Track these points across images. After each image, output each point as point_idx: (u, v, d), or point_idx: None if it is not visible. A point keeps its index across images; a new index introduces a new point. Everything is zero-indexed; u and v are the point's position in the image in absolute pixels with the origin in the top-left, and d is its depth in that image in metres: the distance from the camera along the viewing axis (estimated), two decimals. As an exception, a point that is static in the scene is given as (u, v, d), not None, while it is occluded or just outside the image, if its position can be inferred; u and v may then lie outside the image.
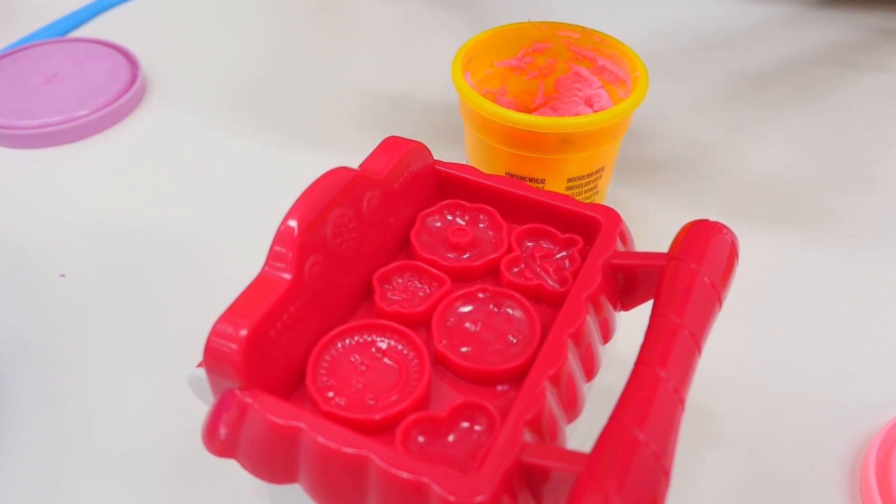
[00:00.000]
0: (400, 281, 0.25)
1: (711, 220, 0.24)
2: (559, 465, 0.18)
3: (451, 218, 0.27)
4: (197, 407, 0.23)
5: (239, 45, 0.55)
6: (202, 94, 0.49)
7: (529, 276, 0.25)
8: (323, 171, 0.23)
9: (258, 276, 0.22)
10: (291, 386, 0.22)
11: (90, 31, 0.56)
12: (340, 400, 0.21)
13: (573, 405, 0.22)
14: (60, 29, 0.55)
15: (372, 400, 0.21)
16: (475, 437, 0.20)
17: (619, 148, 0.37)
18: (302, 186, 0.22)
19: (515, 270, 0.25)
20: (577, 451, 0.18)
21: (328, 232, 0.23)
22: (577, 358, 0.22)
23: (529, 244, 0.26)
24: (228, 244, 0.38)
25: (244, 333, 0.20)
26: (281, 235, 0.22)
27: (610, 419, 0.18)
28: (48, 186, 0.42)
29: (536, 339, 0.23)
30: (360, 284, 0.25)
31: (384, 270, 0.25)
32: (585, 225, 0.26)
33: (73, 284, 0.36)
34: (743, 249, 0.24)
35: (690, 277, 0.22)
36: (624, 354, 0.23)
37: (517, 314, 0.24)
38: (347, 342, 0.23)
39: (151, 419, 0.30)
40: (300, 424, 0.19)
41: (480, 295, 0.24)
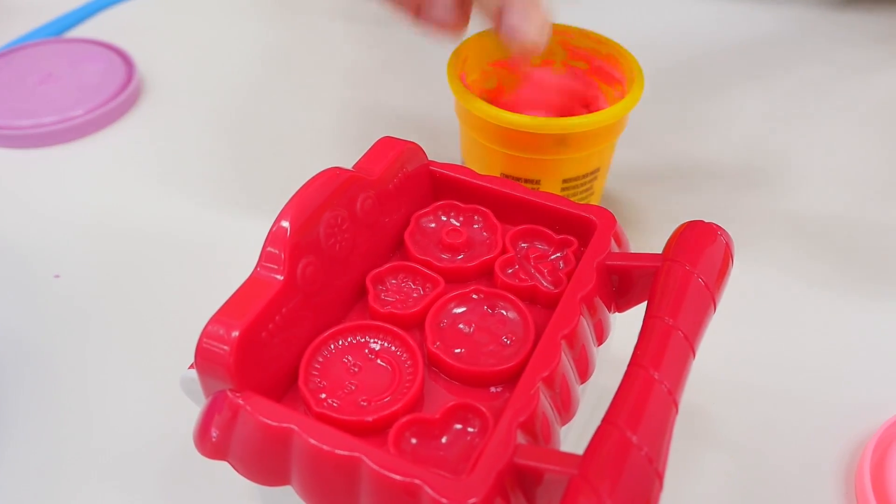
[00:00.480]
0: (394, 282, 0.25)
1: (706, 221, 0.24)
2: (552, 467, 0.18)
3: (445, 219, 0.27)
4: (193, 408, 0.23)
5: (234, 45, 0.55)
6: (197, 94, 0.49)
7: (524, 277, 0.25)
8: (318, 171, 0.23)
9: (250, 276, 0.21)
10: (284, 387, 0.22)
11: (86, 31, 0.56)
12: (333, 401, 0.21)
13: (567, 407, 0.22)
14: (56, 29, 0.55)
15: (364, 401, 0.21)
16: (468, 438, 0.20)
17: (614, 149, 0.37)
18: (297, 186, 0.22)
19: (510, 271, 0.25)
20: (570, 453, 0.18)
21: (321, 232, 0.23)
22: (571, 359, 0.22)
23: (524, 245, 0.26)
24: (224, 244, 0.38)
25: (236, 335, 0.20)
26: (273, 236, 0.22)
27: (603, 421, 0.18)
28: (43, 186, 0.42)
29: (530, 340, 0.23)
30: (353, 285, 0.24)
31: (378, 271, 0.25)
32: (580, 226, 0.26)
33: (67, 284, 0.36)
34: (737, 251, 0.24)
35: (685, 279, 0.22)
36: (618, 356, 0.23)
37: (511, 315, 0.24)
38: (340, 343, 0.23)
39: (148, 420, 0.30)
40: (292, 426, 0.19)
41: (474, 296, 0.24)
